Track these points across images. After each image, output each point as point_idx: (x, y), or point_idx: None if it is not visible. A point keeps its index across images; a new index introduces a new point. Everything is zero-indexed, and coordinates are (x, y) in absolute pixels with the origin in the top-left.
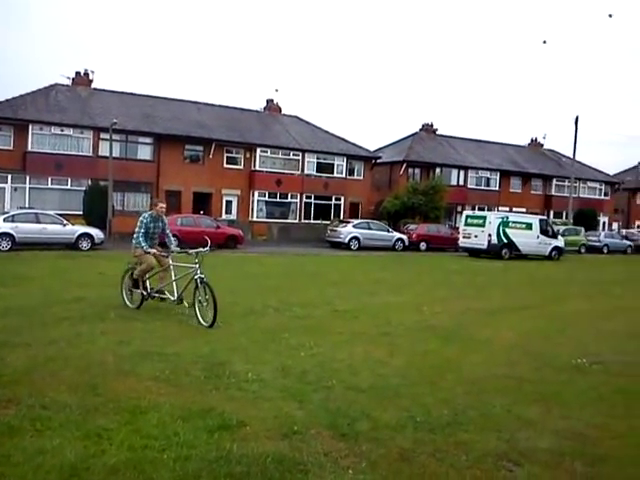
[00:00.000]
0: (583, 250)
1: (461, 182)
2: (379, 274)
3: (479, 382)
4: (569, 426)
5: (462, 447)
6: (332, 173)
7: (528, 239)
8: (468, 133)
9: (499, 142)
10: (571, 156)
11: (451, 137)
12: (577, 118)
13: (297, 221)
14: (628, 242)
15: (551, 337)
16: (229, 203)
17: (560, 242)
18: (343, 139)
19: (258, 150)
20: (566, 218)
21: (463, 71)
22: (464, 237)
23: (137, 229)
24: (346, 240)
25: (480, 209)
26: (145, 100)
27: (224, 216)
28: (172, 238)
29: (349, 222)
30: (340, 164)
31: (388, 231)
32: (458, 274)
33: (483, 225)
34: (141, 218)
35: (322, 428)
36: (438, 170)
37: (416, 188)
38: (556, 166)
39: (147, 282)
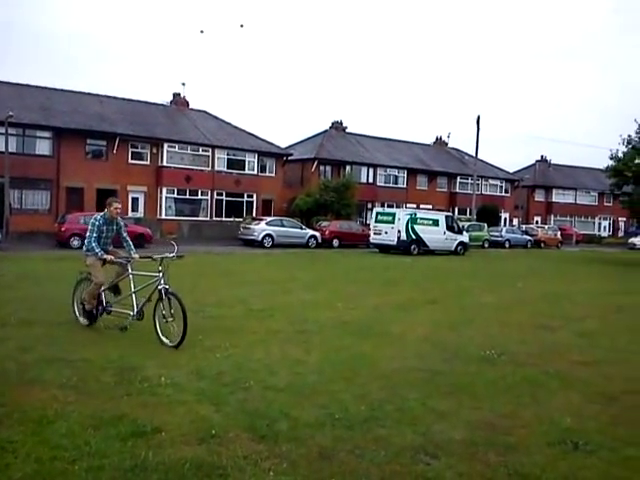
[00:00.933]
0: (486, 245)
1: (371, 180)
2: (293, 272)
3: (393, 376)
4: (481, 417)
5: (380, 442)
6: (243, 170)
7: (435, 235)
8: (376, 132)
9: (406, 141)
10: (474, 154)
11: (360, 135)
12: (479, 118)
13: (208, 219)
14: (528, 237)
15: (460, 329)
16: (135, 200)
17: (465, 237)
18: (254, 135)
19: (165, 145)
20: (470, 214)
21: (370, 70)
22: (375, 234)
23: (88, 233)
24: (259, 238)
25: (389, 206)
26: (42, 92)
27: (130, 214)
28: (130, 243)
29: (262, 219)
30: (251, 160)
31: (301, 228)
32: (370, 270)
33: (393, 222)
34: (92, 220)
35: (241, 430)
36: (348, 168)
37: (328, 185)
38: (460, 164)
39: (102, 295)
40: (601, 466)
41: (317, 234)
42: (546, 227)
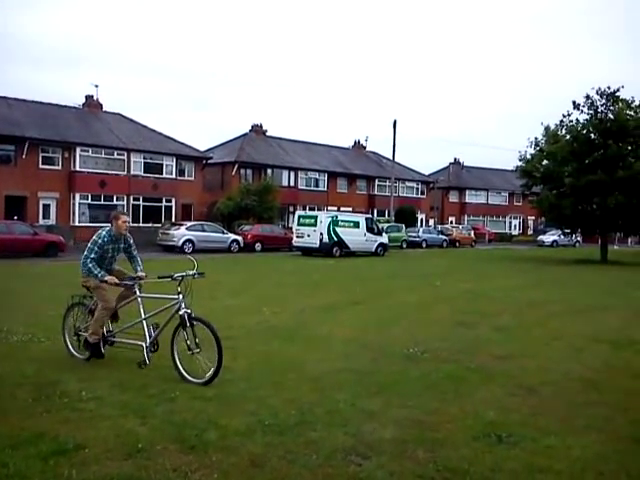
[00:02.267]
0: (405, 245)
1: (292, 183)
2: (216, 277)
3: (322, 378)
4: (409, 414)
5: (312, 446)
6: (161, 174)
7: (356, 237)
8: (296, 135)
9: (325, 144)
10: (391, 157)
11: (280, 139)
12: (395, 122)
13: None
14: (443, 237)
15: (384, 329)
16: (47, 207)
17: (385, 239)
18: (171, 138)
19: (78, 149)
20: (388, 216)
21: (288, 73)
22: (297, 237)
23: (86, 252)
24: (179, 243)
25: (311, 209)
26: None
27: (41, 221)
28: (139, 260)
29: (182, 224)
30: (169, 164)
31: (223, 233)
32: (294, 273)
33: (315, 225)
34: (95, 237)
35: (168, 442)
36: (269, 171)
37: (249, 189)
38: (378, 167)
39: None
40: (524, 457)
41: (239, 238)
42: (460, 227)
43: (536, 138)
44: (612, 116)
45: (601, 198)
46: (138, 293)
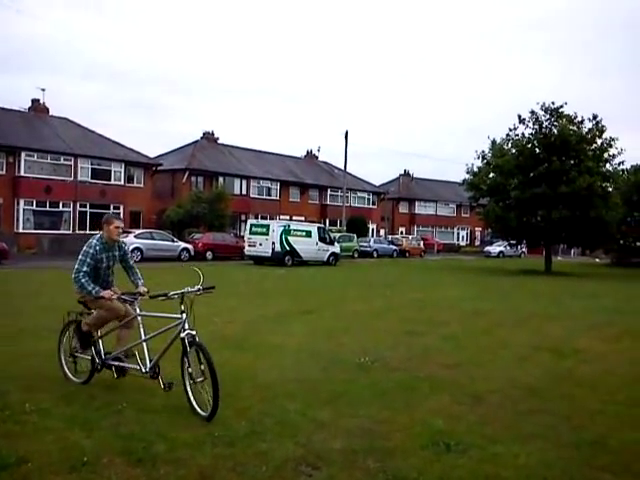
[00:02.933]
0: (356, 255)
1: (244, 191)
2: (165, 287)
3: (273, 388)
4: (359, 424)
5: (262, 457)
6: (109, 180)
7: (308, 246)
8: (248, 143)
9: (278, 153)
10: (343, 168)
11: (232, 147)
12: (347, 133)
13: (71, 232)
14: (394, 247)
15: (335, 338)
16: None
17: (336, 248)
18: (120, 144)
19: (23, 154)
20: (340, 226)
21: (240, 81)
22: (249, 245)
23: (77, 265)
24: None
25: (263, 218)
26: None
27: None
28: (138, 273)
29: (130, 232)
30: (118, 170)
31: (173, 241)
32: (246, 282)
33: (267, 233)
34: (85, 248)
35: (115, 455)
36: (221, 179)
37: (200, 197)
38: (330, 177)
39: (100, 342)
40: (472, 465)
41: (189, 247)
42: (410, 237)
43: (483, 151)
44: (556, 131)
45: (545, 211)
46: (138, 311)
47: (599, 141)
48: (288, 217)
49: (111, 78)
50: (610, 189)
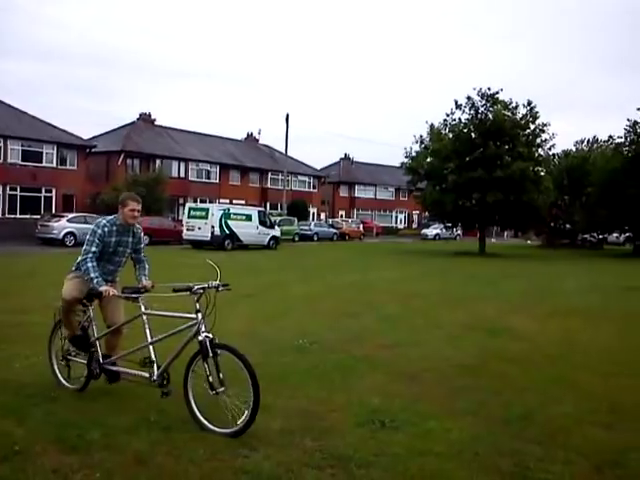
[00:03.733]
0: (297, 239)
1: (182, 174)
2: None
3: None
4: (297, 405)
5: (199, 441)
6: (40, 162)
7: (248, 230)
8: (187, 125)
9: (218, 136)
10: (284, 151)
11: (171, 128)
12: (287, 116)
13: (0, 216)
14: (334, 230)
15: (275, 321)
16: None
17: (277, 232)
18: (52, 125)
19: None
20: (281, 209)
21: (178, 61)
22: (188, 229)
23: (85, 246)
24: (60, 236)
25: (202, 201)
26: None
27: None
28: (146, 266)
29: (63, 216)
30: (50, 152)
31: None
32: (184, 267)
33: (206, 217)
34: (94, 227)
35: (48, 443)
36: (159, 162)
37: (136, 180)
38: (271, 160)
39: (98, 344)
40: (406, 440)
41: None
42: (350, 221)
43: (421, 136)
44: (491, 117)
45: (480, 194)
46: (143, 309)
47: (532, 126)
48: (228, 201)
49: (44, 57)
50: (542, 173)
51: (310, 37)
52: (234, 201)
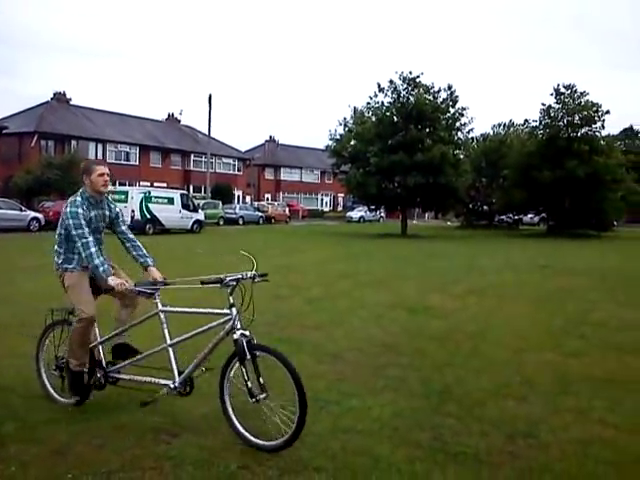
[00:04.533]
0: (222, 222)
1: (100, 156)
2: (13, 261)
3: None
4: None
5: (120, 430)
6: None
7: (171, 214)
8: (104, 105)
9: (137, 116)
10: (207, 132)
11: (87, 108)
12: (210, 96)
13: None
14: (260, 213)
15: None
16: None
17: (201, 215)
18: None
19: None
20: (205, 192)
21: (94, 39)
22: None
23: (74, 231)
24: None
25: (121, 184)
26: None
27: None
28: (142, 246)
29: None
30: None
31: (20, 210)
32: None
33: (125, 201)
34: (70, 208)
35: None
36: (74, 143)
37: (51, 162)
38: (193, 142)
39: (100, 349)
40: (329, 419)
41: (40, 216)
42: (276, 204)
43: (345, 118)
44: (413, 100)
45: (402, 177)
46: (160, 306)
47: (452, 110)
48: (149, 184)
49: None
50: (461, 157)
51: (233, 16)
52: (155, 184)
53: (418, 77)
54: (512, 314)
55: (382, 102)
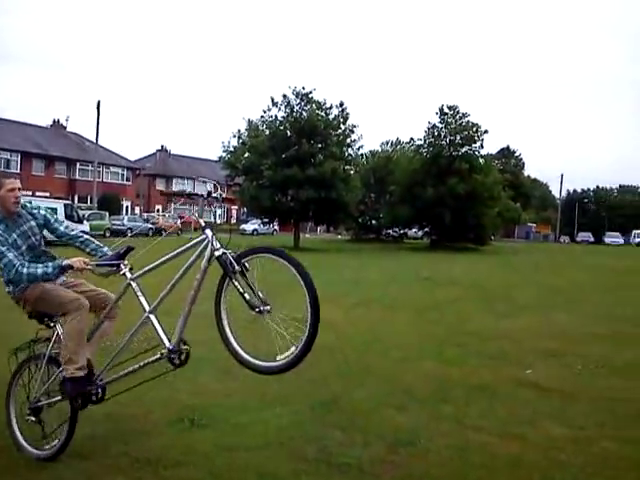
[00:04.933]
0: (108, 234)
1: None
2: None
3: None
4: (105, 410)
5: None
6: None
7: None
8: None
9: (17, 121)
10: (95, 140)
11: None
12: (99, 103)
13: None
14: (149, 225)
15: None
16: None
17: (85, 227)
18: None
19: None
20: (91, 202)
21: None
22: None
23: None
24: None
25: None
26: None
27: None
28: (95, 240)
29: None
30: None
31: None
32: None
33: None
34: None
35: None
36: None
37: None
38: (80, 150)
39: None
40: (215, 437)
41: None
42: (167, 215)
43: (239, 130)
44: (306, 115)
45: (295, 191)
46: (129, 275)
47: (343, 127)
48: (31, 193)
49: None
50: (352, 172)
51: (124, 21)
52: (37, 193)
53: (311, 93)
54: (396, 324)
55: (276, 116)
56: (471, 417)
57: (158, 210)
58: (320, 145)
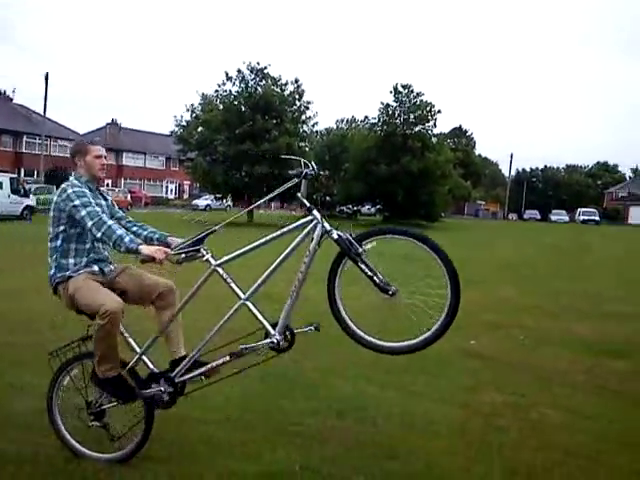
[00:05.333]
0: None
1: None
2: None
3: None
4: None
5: None
6: None
7: None
8: None
9: None
10: (42, 112)
11: None
12: (47, 75)
13: None
14: None
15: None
16: None
17: (32, 201)
18: None
19: None
20: (38, 176)
21: None
22: None
23: (83, 212)
24: None
25: None
26: None
27: None
28: (146, 225)
29: None
30: None
31: None
32: None
33: None
34: (70, 189)
35: None
36: None
37: None
38: (27, 122)
39: (146, 357)
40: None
41: None
42: (117, 190)
43: (192, 104)
44: (261, 91)
45: (249, 167)
46: (213, 262)
47: (298, 103)
48: None
49: None
50: (307, 149)
51: None
52: None
53: (266, 68)
54: (346, 297)
55: (230, 91)
56: (416, 385)
57: (108, 185)
58: (275, 121)
